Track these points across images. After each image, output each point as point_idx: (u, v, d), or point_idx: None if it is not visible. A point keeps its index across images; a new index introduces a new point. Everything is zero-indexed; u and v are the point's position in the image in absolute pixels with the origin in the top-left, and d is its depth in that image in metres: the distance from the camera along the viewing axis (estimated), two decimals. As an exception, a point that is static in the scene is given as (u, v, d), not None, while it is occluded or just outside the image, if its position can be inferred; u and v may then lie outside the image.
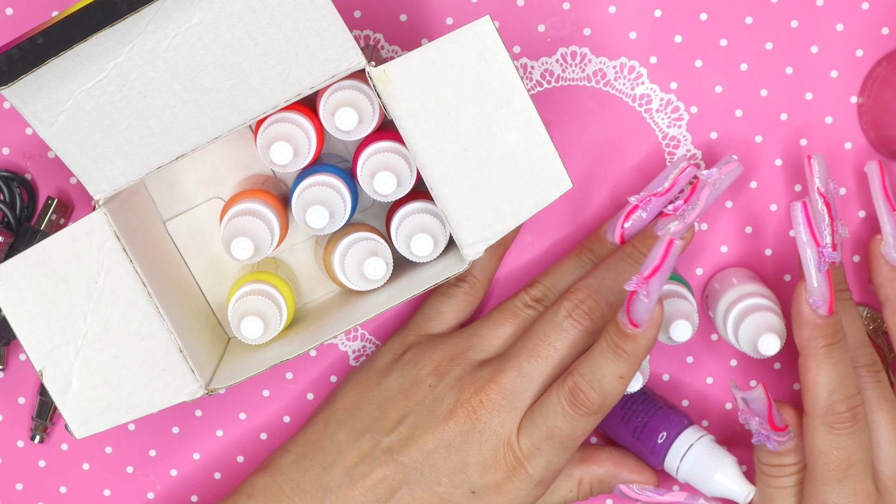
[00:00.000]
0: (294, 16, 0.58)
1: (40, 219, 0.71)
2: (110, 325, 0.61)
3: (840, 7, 0.71)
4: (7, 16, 0.71)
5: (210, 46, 0.58)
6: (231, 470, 0.74)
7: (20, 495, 0.74)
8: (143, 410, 0.62)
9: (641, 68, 0.72)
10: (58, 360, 0.61)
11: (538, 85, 0.72)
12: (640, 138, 0.72)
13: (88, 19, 0.56)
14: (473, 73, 0.60)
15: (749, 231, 0.73)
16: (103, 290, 0.61)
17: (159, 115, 0.59)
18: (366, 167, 0.63)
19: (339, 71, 0.60)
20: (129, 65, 0.58)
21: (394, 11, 0.71)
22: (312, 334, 0.65)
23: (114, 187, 0.61)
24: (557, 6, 0.71)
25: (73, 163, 0.60)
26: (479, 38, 0.60)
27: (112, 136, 0.59)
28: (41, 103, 0.58)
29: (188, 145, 0.60)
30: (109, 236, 0.60)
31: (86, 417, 0.62)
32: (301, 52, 0.59)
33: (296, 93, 0.60)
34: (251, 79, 0.59)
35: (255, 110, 0.60)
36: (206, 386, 0.63)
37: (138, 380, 0.62)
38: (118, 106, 0.59)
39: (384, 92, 0.60)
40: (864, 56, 0.72)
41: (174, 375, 0.62)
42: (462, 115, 0.61)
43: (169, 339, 0.62)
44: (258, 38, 0.59)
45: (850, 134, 0.72)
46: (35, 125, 0.59)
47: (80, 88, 0.58)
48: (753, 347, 0.67)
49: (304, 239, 0.70)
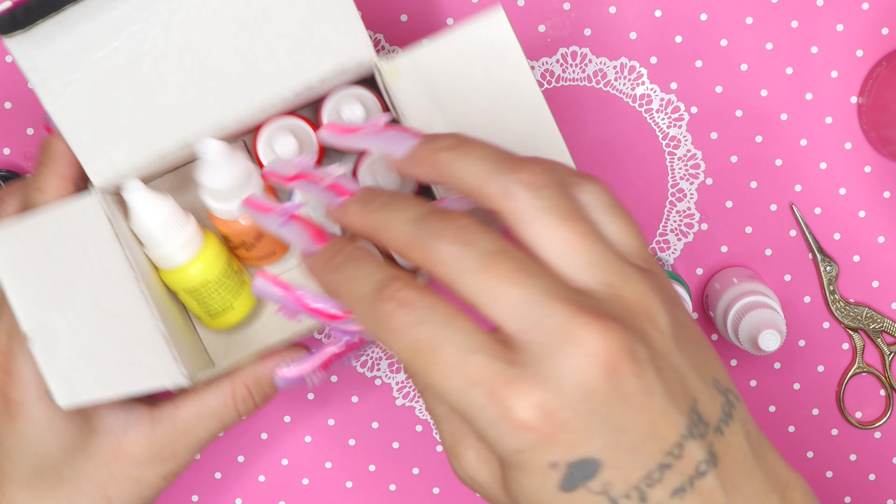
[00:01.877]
0: (309, 1, 0.58)
1: (40, 219, 0.71)
2: (100, 302, 0.61)
3: (840, 7, 0.71)
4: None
5: (224, 23, 0.58)
6: (231, 470, 0.74)
7: (21, 495, 0.74)
8: (127, 389, 0.61)
9: (641, 68, 0.72)
10: (46, 326, 0.61)
11: (538, 85, 0.72)
12: (641, 138, 0.72)
13: None
14: (484, 65, 0.59)
15: (749, 231, 0.73)
16: (94, 267, 0.60)
17: (168, 94, 0.59)
18: (367, 169, 0.63)
19: (349, 60, 0.59)
20: (142, 35, 0.58)
21: (394, 11, 0.71)
22: (294, 324, 0.64)
23: (114, 172, 0.60)
24: (557, 6, 0.71)
25: (75, 140, 0.59)
26: (491, 30, 0.59)
27: (119, 115, 0.59)
28: (51, 69, 0.58)
29: (193, 130, 0.60)
30: (102, 219, 0.60)
31: (70, 387, 0.61)
32: (314, 38, 0.58)
33: (304, 82, 0.59)
34: (261, 64, 0.59)
35: (263, 97, 0.59)
36: (189, 377, 0.62)
37: (124, 358, 0.61)
38: (128, 80, 0.58)
39: (393, 86, 0.60)
40: (864, 56, 0.72)
41: (158, 360, 0.61)
42: (471, 109, 0.60)
43: (154, 326, 0.61)
44: (274, 19, 0.58)
45: (850, 134, 0.72)
46: (43, 96, 0.58)
47: (92, 57, 0.58)
48: (753, 343, 0.67)
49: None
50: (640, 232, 0.45)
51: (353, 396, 0.74)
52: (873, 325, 0.73)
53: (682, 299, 0.64)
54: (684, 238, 0.73)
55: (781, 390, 0.74)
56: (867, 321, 0.73)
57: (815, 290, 0.74)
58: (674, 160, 0.72)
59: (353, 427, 0.75)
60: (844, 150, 0.73)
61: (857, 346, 0.73)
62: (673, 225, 0.73)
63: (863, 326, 0.73)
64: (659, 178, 0.73)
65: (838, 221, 0.73)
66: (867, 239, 0.73)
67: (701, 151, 0.73)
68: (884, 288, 0.74)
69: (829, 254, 0.73)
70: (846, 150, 0.73)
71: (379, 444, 0.75)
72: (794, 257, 0.73)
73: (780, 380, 0.74)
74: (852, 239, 0.73)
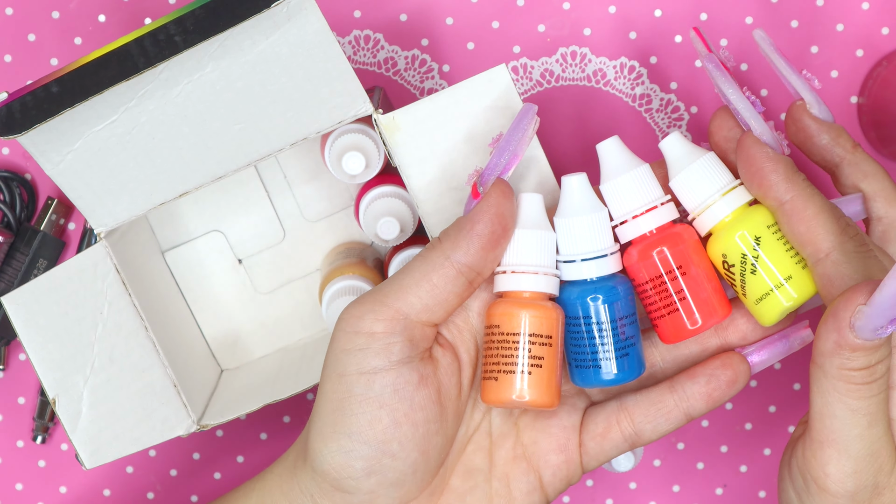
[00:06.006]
0: (306, 66, 0.58)
1: (40, 219, 0.71)
2: (114, 357, 0.62)
3: (840, 7, 0.71)
4: (7, 16, 0.71)
5: (221, 93, 0.59)
6: (231, 470, 0.74)
7: (20, 495, 0.74)
8: (145, 443, 0.63)
9: (641, 68, 0.72)
10: (69, 388, 0.62)
11: (538, 85, 0.72)
12: (641, 138, 0.72)
13: (104, 70, 0.56)
14: (485, 120, 0.60)
15: (749, 231, 0.73)
16: (107, 322, 0.62)
17: (166, 155, 0.60)
18: (369, 211, 0.63)
19: (346, 117, 0.60)
20: (139, 109, 0.58)
21: (394, 11, 0.71)
22: (307, 375, 0.65)
23: (116, 221, 0.61)
24: (557, 6, 0.71)
25: (77, 198, 0.60)
26: (493, 86, 0.59)
27: (118, 174, 0.60)
28: (50, 144, 0.58)
29: (192, 184, 0.60)
30: (111, 269, 0.61)
31: (95, 447, 0.63)
32: (310, 100, 0.59)
33: (302, 136, 0.60)
34: (259, 123, 0.59)
35: (261, 152, 0.60)
36: (198, 421, 0.64)
37: (141, 411, 0.63)
38: (126, 146, 0.59)
39: (392, 139, 0.60)
40: (864, 56, 0.72)
41: (171, 409, 0.63)
42: (470, 165, 0.60)
43: (164, 373, 0.63)
44: (269, 86, 0.59)
45: (851, 134, 0.72)
46: (42, 164, 0.59)
47: (90, 130, 0.59)
48: None
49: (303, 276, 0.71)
50: None
51: (353, 396, 0.74)
52: None
53: None
54: (684, 238, 0.73)
55: (781, 390, 0.74)
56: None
57: (815, 290, 0.74)
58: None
59: (352, 427, 0.75)
60: (844, 150, 0.73)
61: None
62: (673, 225, 0.73)
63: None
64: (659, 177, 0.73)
65: (838, 221, 0.73)
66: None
67: (701, 151, 0.73)
68: (884, 288, 0.73)
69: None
70: (846, 151, 0.73)
71: (378, 445, 0.75)
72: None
73: (780, 380, 0.74)
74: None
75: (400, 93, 0.72)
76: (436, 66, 0.72)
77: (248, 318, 0.71)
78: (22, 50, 0.71)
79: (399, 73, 0.72)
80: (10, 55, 0.71)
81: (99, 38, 0.71)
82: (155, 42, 0.56)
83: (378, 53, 0.72)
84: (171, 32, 0.56)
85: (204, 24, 0.56)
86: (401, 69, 0.72)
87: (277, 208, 0.70)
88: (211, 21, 0.56)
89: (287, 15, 0.57)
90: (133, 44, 0.56)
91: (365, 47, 0.72)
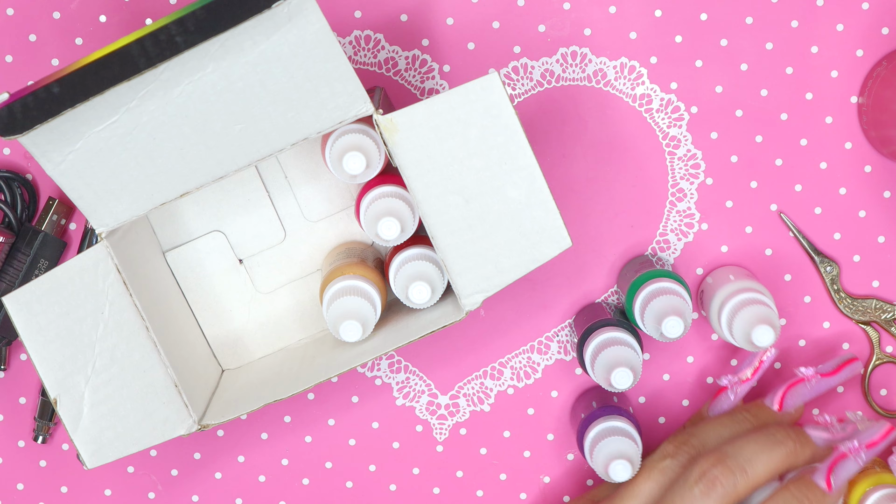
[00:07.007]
0: (306, 66, 0.59)
1: (41, 219, 0.71)
2: (116, 356, 0.62)
3: (840, 7, 0.71)
4: (8, 16, 0.71)
5: (222, 94, 0.59)
6: (231, 470, 0.75)
7: (21, 495, 0.74)
8: (146, 443, 0.63)
9: (641, 68, 0.72)
10: (70, 388, 0.62)
11: (538, 85, 0.72)
12: (641, 138, 0.72)
13: (105, 71, 0.56)
14: (479, 127, 0.61)
15: (749, 231, 0.73)
16: (108, 322, 0.62)
17: (167, 155, 0.60)
18: (370, 211, 0.63)
19: (346, 117, 0.60)
20: (140, 110, 0.58)
21: (394, 11, 0.71)
22: (307, 375, 0.66)
23: (117, 221, 0.61)
24: (557, 6, 0.71)
25: (78, 198, 0.61)
26: (486, 94, 0.60)
27: (119, 175, 0.60)
28: (51, 145, 0.59)
29: (193, 184, 0.61)
30: (112, 269, 0.61)
31: (96, 447, 0.63)
32: (311, 100, 0.59)
33: (303, 136, 0.60)
34: (260, 123, 0.60)
35: (262, 152, 0.60)
36: (199, 421, 0.64)
37: (142, 411, 0.63)
38: (127, 147, 0.59)
39: (391, 140, 0.60)
40: (864, 56, 0.72)
41: (172, 409, 0.63)
42: (466, 168, 0.61)
43: (165, 373, 0.63)
44: (270, 87, 0.59)
45: (850, 134, 0.72)
46: (43, 164, 0.59)
47: (91, 131, 0.59)
48: (748, 340, 0.67)
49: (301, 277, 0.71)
50: None
51: (354, 396, 0.74)
52: (884, 314, 0.73)
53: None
54: (684, 238, 0.73)
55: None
56: (877, 312, 0.73)
57: (816, 290, 0.74)
58: (674, 160, 0.72)
59: (353, 427, 0.75)
60: (844, 149, 0.73)
61: (872, 339, 0.74)
62: (673, 225, 0.73)
63: (874, 318, 0.73)
64: (659, 177, 0.73)
65: (838, 221, 0.73)
66: (867, 239, 0.73)
67: (701, 151, 0.73)
68: (884, 288, 0.74)
69: (830, 254, 0.73)
70: (846, 150, 0.73)
71: (379, 444, 0.75)
72: (794, 257, 0.73)
73: (779, 380, 0.74)
74: (852, 239, 0.73)
75: (400, 93, 0.72)
76: (436, 66, 0.72)
77: (248, 318, 0.71)
78: (23, 50, 0.71)
79: (399, 74, 0.72)
80: (11, 55, 0.71)
81: (100, 39, 0.71)
82: (156, 42, 0.56)
83: (378, 53, 0.72)
84: (171, 33, 0.56)
85: (205, 24, 0.56)
86: (401, 69, 0.72)
87: (278, 208, 0.70)
88: (212, 21, 0.56)
89: (288, 15, 0.57)
90: (134, 44, 0.56)
91: (365, 47, 0.72)
